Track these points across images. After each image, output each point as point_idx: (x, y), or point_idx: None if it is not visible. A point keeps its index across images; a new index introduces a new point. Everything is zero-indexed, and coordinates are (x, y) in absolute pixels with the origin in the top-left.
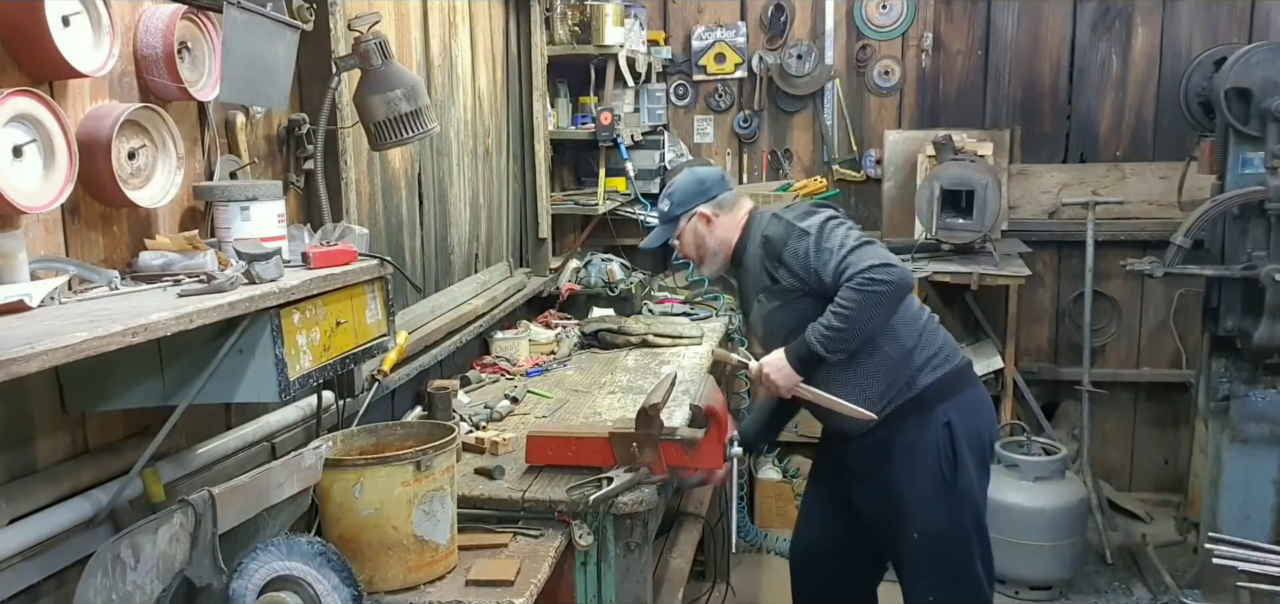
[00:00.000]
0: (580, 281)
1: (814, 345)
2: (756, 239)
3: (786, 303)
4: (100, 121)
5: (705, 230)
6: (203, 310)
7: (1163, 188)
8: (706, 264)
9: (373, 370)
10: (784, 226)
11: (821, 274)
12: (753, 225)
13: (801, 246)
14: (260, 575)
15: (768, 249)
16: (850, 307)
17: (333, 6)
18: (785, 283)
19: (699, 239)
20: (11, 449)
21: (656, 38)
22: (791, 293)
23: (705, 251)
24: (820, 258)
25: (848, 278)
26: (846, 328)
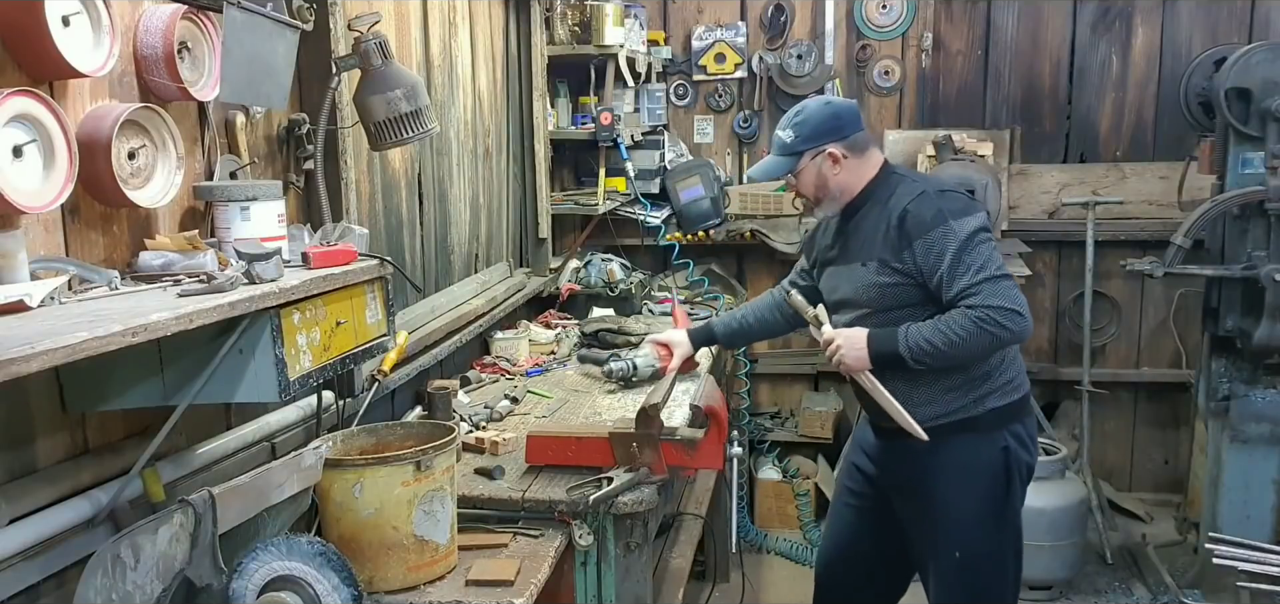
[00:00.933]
0: (580, 281)
1: (902, 348)
2: (890, 201)
3: (891, 285)
4: (100, 121)
5: (831, 171)
6: (203, 310)
7: (1163, 188)
8: (821, 207)
9: (373, 370)
10: (934, 211)
11: (946, 281)
12: (884, 180)
13: (944, 244)
14: (260, 575)
15: (905, 225)
16: (961, 335)
17: (333, 6)
18: (904, 266)
19: (821, 180)
20: (11, 449)
21: (656, 38)
22: (903, 277)
23: (825, 194)
24: (956, 267)
25: (971, 304)
26: (948, 352)
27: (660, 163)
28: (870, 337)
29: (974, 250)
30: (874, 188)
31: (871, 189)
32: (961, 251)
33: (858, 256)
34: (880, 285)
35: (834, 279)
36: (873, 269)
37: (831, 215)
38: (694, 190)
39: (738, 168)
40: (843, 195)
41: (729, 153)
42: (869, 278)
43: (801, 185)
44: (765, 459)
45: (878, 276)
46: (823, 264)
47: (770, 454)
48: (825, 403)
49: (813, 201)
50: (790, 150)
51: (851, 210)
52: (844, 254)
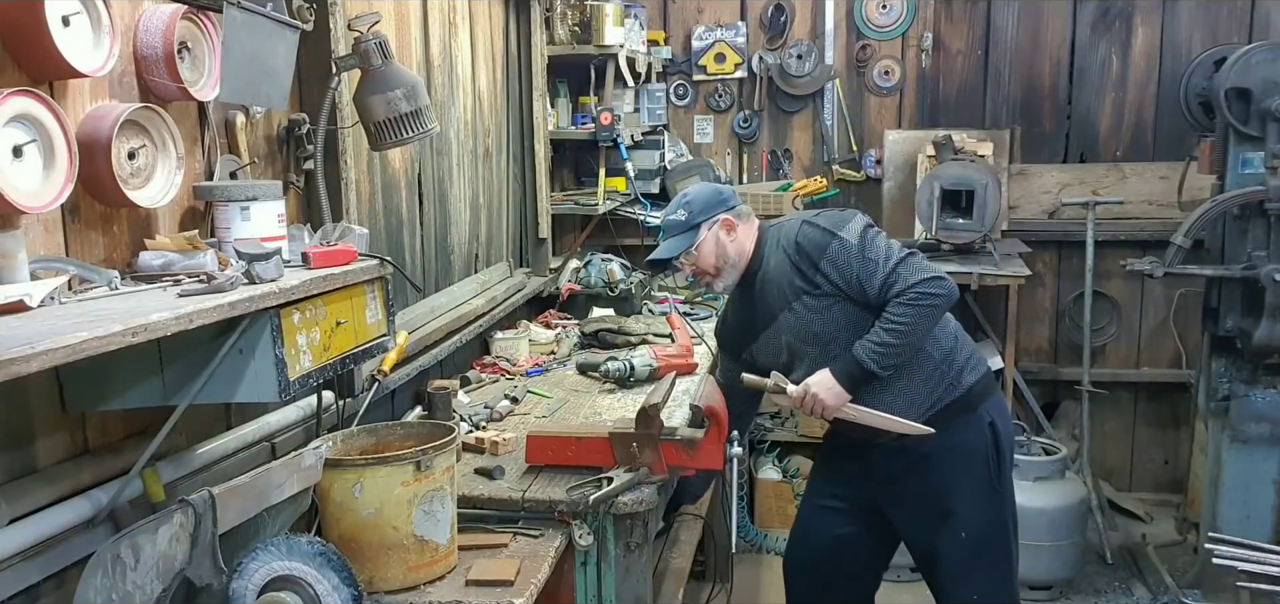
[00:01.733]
0: (580, 281)
1: (866, 363)
2: (780, 248)
3: (826, 308)
4: (100, 121)
5: (727, 239)
6: (203, 310)
7: (1163, 188)
8: (722, 277)
9: (373, 370)
10: (820, 233)
11: (866, 284)
12: (767, 238)
13: (843, 254)
14: (260, 575)
15: (802, 254)
16: (904, 321)
17: (333, 6)
18: (825, 286)
19: (720, 249)
20: (12, 449)
21: (656, 38)
22: (832, 297)
23: (725, 262)
24: (865, 268)
25: (898, 292)
26: (900, 343)
27: (660, 163)
28: (834, 370)
29: (872, 247)
30: (760, 247)
31: (759, 249)
32: (863, 253)
33: (781, 307)
34: (814, 315)
35: (770, 344)
36: (804, 306)
37: (730, 287)
38: None
39: (738, 168)
40: (741, 260)
41: (729, 153)
42: (805, 315)
43: (702, 259)
44: (765, 459)
45: (807, 311)
46: (748, 344)
47: (770, 454)
48: None
49: (713, 274)
50: (688, 225)
51: (751, 275)
52: (766, 316)
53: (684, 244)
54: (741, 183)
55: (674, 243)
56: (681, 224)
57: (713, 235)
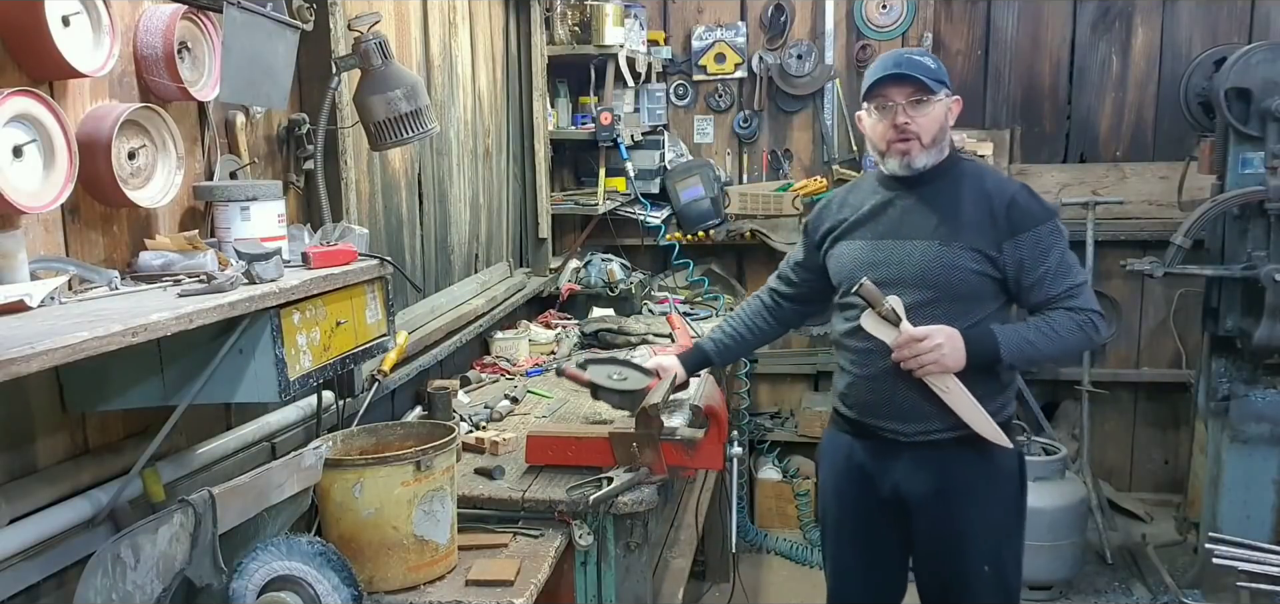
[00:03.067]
0: (580, 281)
1: (1004, 348)
2: (981, 182)
3: (976, 273)
4: (100, 122)
5: (948, 122)
6: (203, 310)
7: (1163, 188)
8: (927, 151)
9: (373, 370)
10: (1040, 206)
11: (1047, 281)
12: (955, 159)
13: (1052, 242)
14: (260, 575)
15: (1013, 213)
16: (1061, 335)
17: (333, 6)
18: (1004, 256)
19: (942, 126)
20: (12, 449)
21: (656, 38)
22: (991, 268)
23: (942, 137)
24: (1062, 267)
25: (1075, 307)
26: (1044, 351)
27: (660, 163)
28: (967, 336)
29: (1071, 253)
30: (950, 164)
31: (948, 164)
32: (1066, 253)
33: (932, 234)
34: (964, 271)
35: (879, 254)
36: (958, 251)
37: (924, 166)
38: (694, 190)
39: (738, 168)
40: (940, 154)
41: (729, 153)
42: (951, 259)
43: (925, 117)
44: (765, 459)
45: (964, 259)
46: (849, 237)
47: (770, 454)
48: (825, 403)
49: (925, 141)
50: (938, 77)
51: (922, 179)
52: (904, 227)
53: (933, 81)
54: (741, 183)
55: (925, 64)
56: (932, 70)
57: (944, 106)
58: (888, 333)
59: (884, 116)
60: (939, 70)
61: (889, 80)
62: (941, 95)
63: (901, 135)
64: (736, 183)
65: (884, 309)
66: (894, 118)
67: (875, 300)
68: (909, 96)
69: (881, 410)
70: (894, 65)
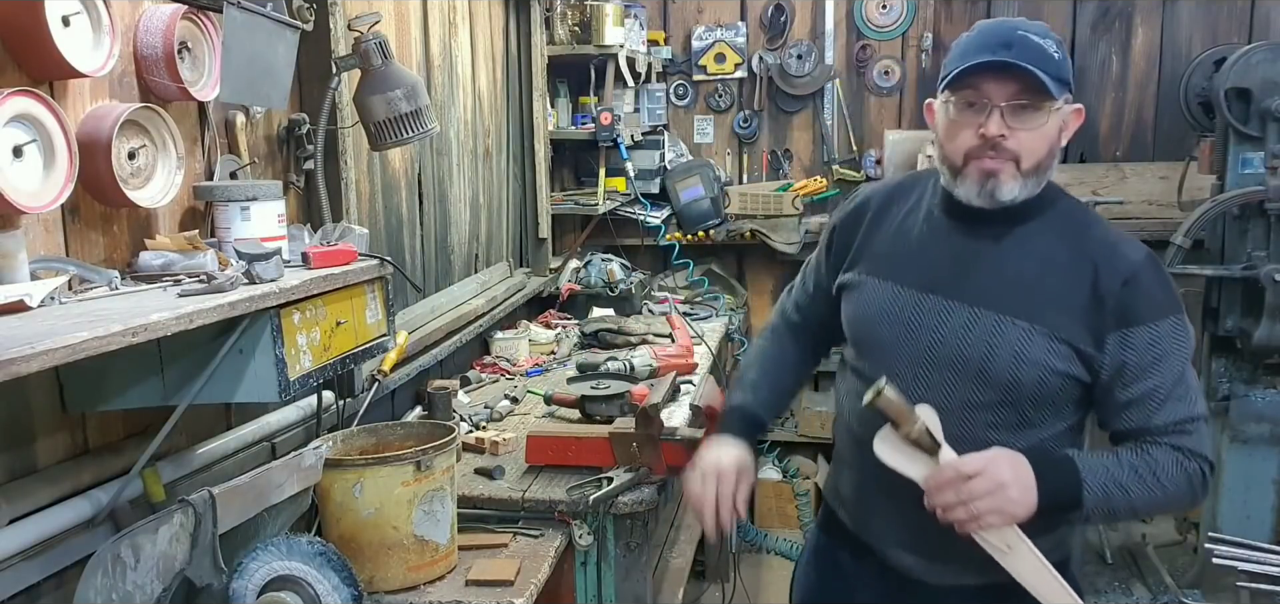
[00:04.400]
0: (580, 281)
1: (1090, 496)
2: (1083, 239)
3: (1061, 376)
4: (100, 122)
5: (1058, 143)
6: (203, 310)
7: (1163, 188)
8: (1027, 178)
9: (373, 370)
10: (1167, 293)
11: (1155, 401)
12: (1058, 200)
13: (1173, 347)
14: (260, 575)
15: (1131, 298)
16: (1171, 490)
17: (333, 6)
18: (1097, 356)
19: (1050, 148)
20: (12, 449)
21: (656, 38)
22: (1081, 369)
23: (1049, 163)
24: (1180, 388)
25: (1185, 448)
26: (1143, 508)
27: (660, 163)
28: (1039, 466)
29: (1191, 372)
30: (1046, 201)
31: (1044, 200)
32: (1187, 367)
33: (1007, 304)
34: (1046, 370)
35: (921, 314)
36: (1043, 339)
37: (1014, 197)
38: (694, 190)
39: (738, 168)
40: (1037, 185)
41: (729, 153)
42: (1031, 350)
43: (1030, 132)
44: (765, 459)
45: (1049, 353)
46: (882, 273)
47: (770, 454)
48: (826, 402)
49: (1026, 166)
50: (1060, 75)
51: (1006, 218)
52: (966, 285)
53: (1058, 89)
54: (741, 183)
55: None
56: (1057, 64)
57: (1061, 118)
58: (918, 464)
59: (968, 117)
60: (1063, 64)
61: (987, 69)
62: (1060, 102)
63: (991, 150)
64: (736, 183)
65: (915, 430)
66: (984, 124)
67: (901, 416)
68: (1013, 96)
69: (895, 533)
70: (1001, 45)
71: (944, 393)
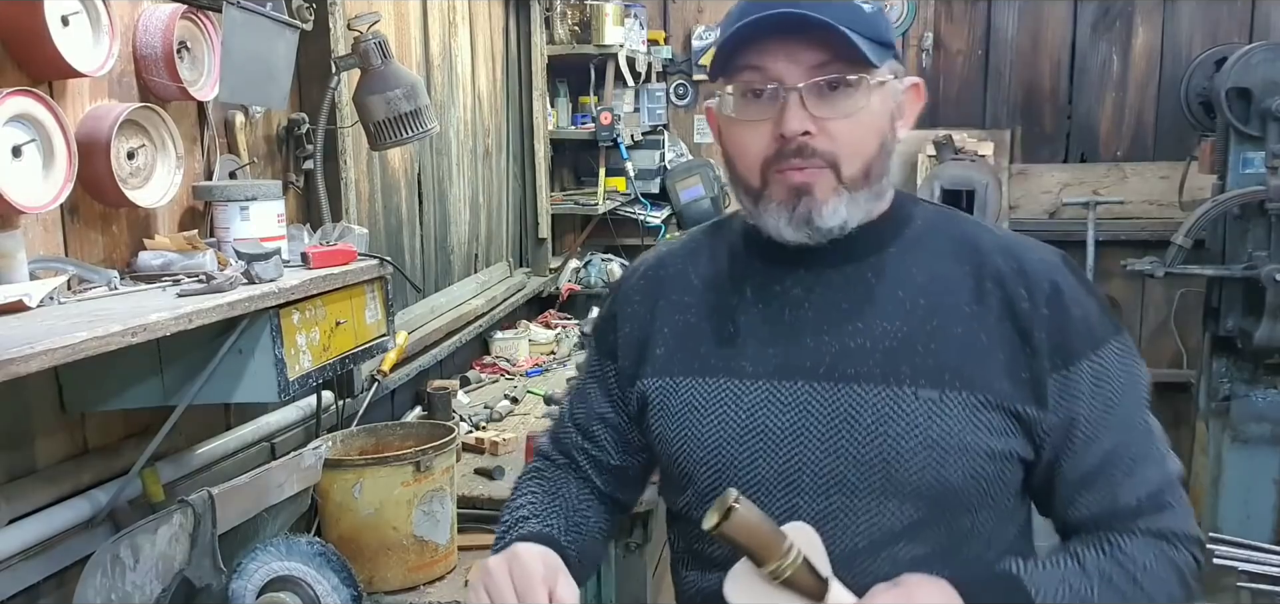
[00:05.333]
0: (580, 281)
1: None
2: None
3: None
4: (100, 121)
5: (900, 121)
6: (202, 310)
7: (1163, 188)
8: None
9: (372, 370)
10: (1099, 305)
11: (1106, 475)
12: (912, 215)
13: (1124, 385)
14: (260, 576)
15: (1063, 320)
16: (1156, 590)
17: (332, 6)
18: (1038, 417)
19: (888, 127)
20: (11, 449)
21: (656, 38)
22: (1017, 442)
23: (876, 163)
24: (1138, 448)
25: (1164, 531)
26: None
27: (660, 163)
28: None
29: (1149, 416)
30: (897, 216)
31: (895, 216)
32: (1145, 410)
33: (899, 371)
34: (976, 456)
35: (773, 413)
36: (966, 413)
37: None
38: (694, 190)
39: None
40: (877, 196)
41: None
42: (954, 431)
43: (854, 124)
44: None
45: (978, 431)
46: (694, 370)
47: None
48: None
49: (846, 175)
50: (874, 31)
51: (851, 248)
52: (829, 352)
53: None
54: None
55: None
56: (872, 17)
57: (891, 96)
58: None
59: (756, 112)
60: (878, 19)
61: (768, 32)
62: (884, 72)
63: (795, 155)
64: None
65: (786, 564)
66: (780, 118)
67: (764, 545)
68: (814, 70)
69: None
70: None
71: (839, 525)
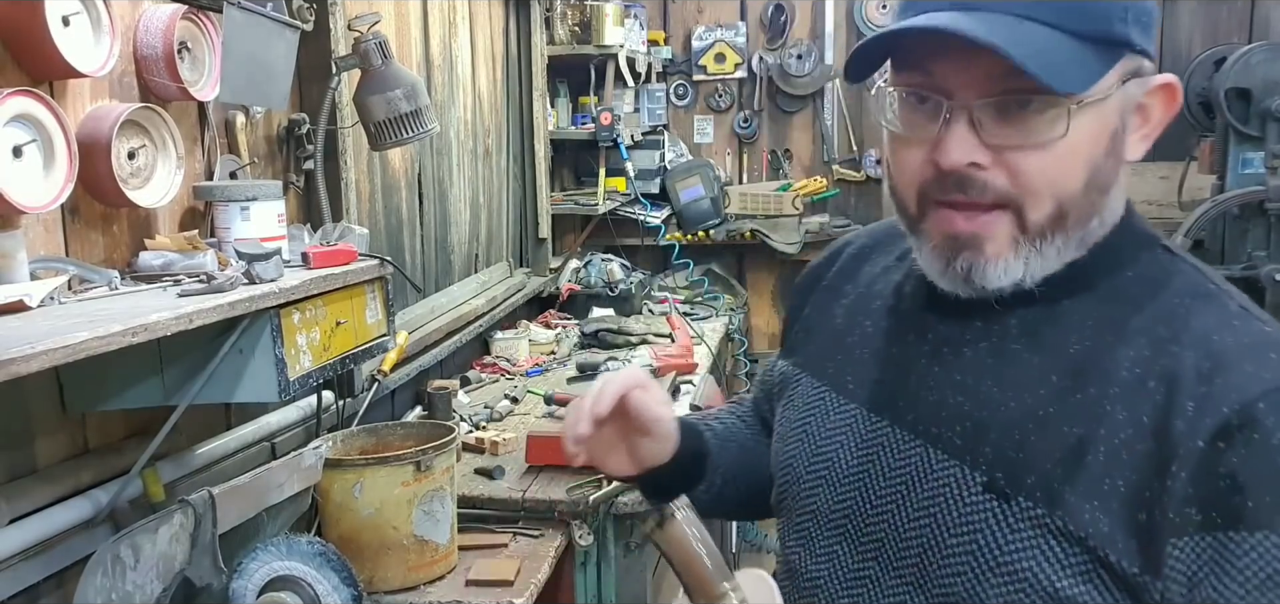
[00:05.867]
0: (580, 281)
1: None
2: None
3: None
4: (100, 122)
5: (1125, 129)
6: (203, 310)
7: (1163, 188)
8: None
9: (373, 370)
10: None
11: None
12: (1152, 254)
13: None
14: (260, 575)
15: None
16: None
17: (333, 6)
18: (1140, 580)
19: (1092, 152)
20: (11, 449)
21: (656, 38)
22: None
23: (1079, 201)
24: None
25: None
26: None
27: (660, 163)
28: None
29: None
30: (1107, 258)
31: (1102, 258)
32: None
33: (975, 450)
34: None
35: (859, 448)
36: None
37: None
38: (694, 190)
39: (738, 168)
40: (1077, 241)
41: (729, 153)
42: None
43: (1050, 156)
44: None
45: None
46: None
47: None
48: None
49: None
50: (1106, 33)
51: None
52: (920, 400)
53: (1095, 51)
54: (741, 183)
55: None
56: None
57: (1118, 104)
58: None
59: (920, 124)
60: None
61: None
62: (1108, 80)
63: (957, 190)
64: (736, 183)
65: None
66: (939, 142)
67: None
68: (989, 82)
69: None
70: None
71: (868, 594)
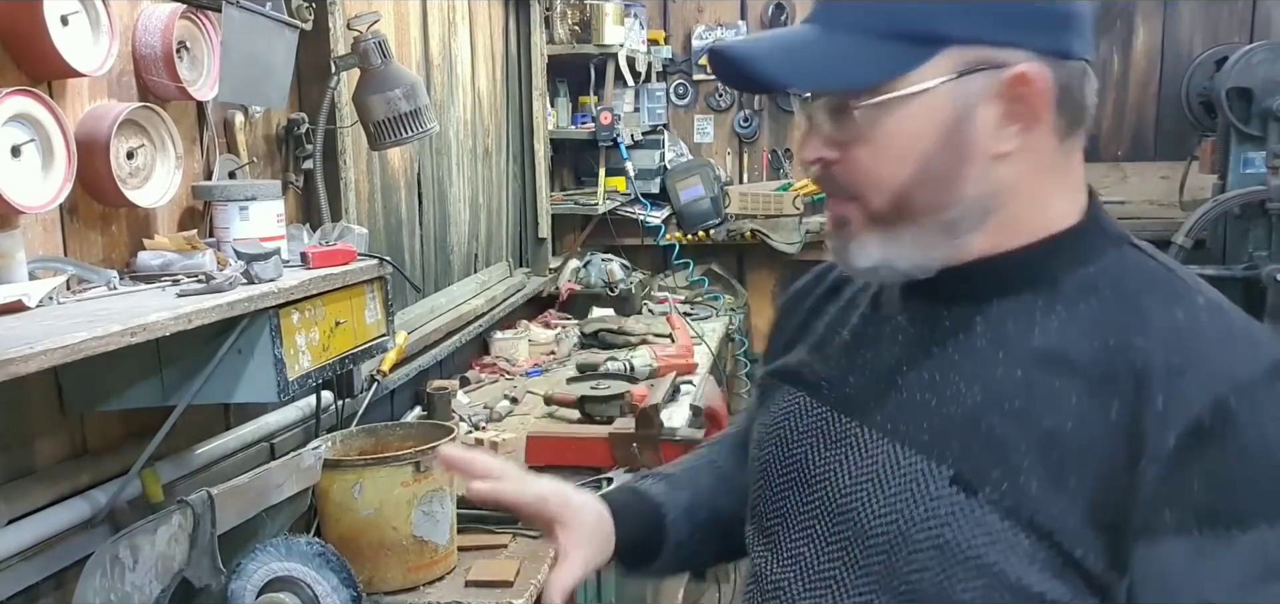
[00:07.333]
0: (580, 281)
1: None
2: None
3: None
4: (99, 121)
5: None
6: (202, 310)
7: (1164, 188)
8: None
9: (372, 370)
10: None
11: None
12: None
13: None
14: (259, 576)
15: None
16: None
17: (332, 6)
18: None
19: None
20: (10, 450)
21: (656, 37)
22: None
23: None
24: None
25: None
26: None
27: (660, 163)
28: None
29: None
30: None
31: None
32: None
33: (941, 446)
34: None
35: (826, 448)
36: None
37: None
38: (694, 190)
39: (738, 168)
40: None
41: (729, 153)
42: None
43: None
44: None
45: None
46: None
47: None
48: None
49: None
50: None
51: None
52: (888, 399)
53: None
54: (741, 182)
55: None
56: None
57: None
58: None
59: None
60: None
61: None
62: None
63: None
64: (736, 183)
65: None
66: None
67: None
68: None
69: None
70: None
71: (832, 595)
